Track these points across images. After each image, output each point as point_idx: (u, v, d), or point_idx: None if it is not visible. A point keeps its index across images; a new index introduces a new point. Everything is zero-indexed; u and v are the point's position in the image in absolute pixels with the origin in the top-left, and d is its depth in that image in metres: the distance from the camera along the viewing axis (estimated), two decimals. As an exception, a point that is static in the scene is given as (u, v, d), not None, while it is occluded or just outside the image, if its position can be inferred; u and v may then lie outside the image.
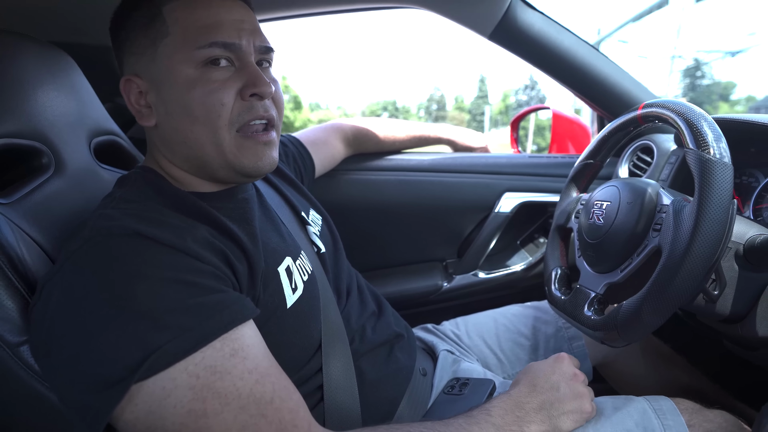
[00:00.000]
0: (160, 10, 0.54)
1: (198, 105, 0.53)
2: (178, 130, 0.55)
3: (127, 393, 0.41)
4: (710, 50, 39.60)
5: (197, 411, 0.42)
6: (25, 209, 0.55)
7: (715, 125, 0.61)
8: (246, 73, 0.55)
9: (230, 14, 0.55)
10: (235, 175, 0.58)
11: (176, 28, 0.53)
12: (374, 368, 0.67)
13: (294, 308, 0.59)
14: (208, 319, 0.45)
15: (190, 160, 0.58)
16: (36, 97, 0.61)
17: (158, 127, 0.57)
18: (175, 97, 0.54)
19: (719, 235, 0.55)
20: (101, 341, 0.42)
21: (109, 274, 0.44)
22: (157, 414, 0.42)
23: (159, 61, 0.54)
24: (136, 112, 0.57)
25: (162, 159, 0.60)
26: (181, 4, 0.54)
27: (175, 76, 0.53)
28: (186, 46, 0.53)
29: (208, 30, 0.53)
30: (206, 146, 0.55)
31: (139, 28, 0.55)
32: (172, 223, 0.51)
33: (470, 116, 48.26)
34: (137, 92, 0.56)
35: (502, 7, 0.92)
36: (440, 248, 1.19)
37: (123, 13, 0.57)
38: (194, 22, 0.53)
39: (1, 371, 0.47)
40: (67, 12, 0.83)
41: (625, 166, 1.05)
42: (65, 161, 0.63)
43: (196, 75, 0.53)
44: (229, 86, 0.54)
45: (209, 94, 0.53)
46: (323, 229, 0.79)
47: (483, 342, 0.88)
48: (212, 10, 0.54)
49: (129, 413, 0.42)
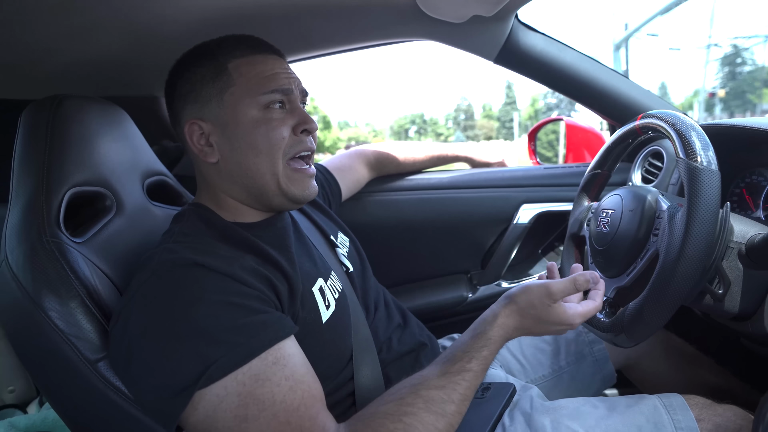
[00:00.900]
0: (225, 66, 0.65)
1: (263, 139, 0.64)
2: (242, 163, 0.65)
3: (191, 400, 0.50)
4: (749, 35, 37.86)
5: (240, 416, 0.50)
6: (95, 246, 0.65)
7: (703, 135, 0.65)
8: (297, 113, 0.67)
9: (279, 67, 0.67)
10: (286, 201, 0.68)
11: (241, 79, 0.64)
12: (400, 375, 0.73)
13: (328, 323, 0.67)
14: (254, 336, 0.53)
15: (249, 189, 0.67)
16: (99, 149, 0.71)
17: (220, 163, 0.67)
18: (240, 135, 0.64)
19: (709, 237, 0.59)
20: (170, 356, 0.51)
21: (175, 300, 0.53)
22: (212, 418, 0.50)
23: (225, 106, 0.64)
24: (199, 151, 0.67)
25: (218, 192, 0.69)
26: (243, 61, 0.65)
27: (240, 118, 0.64)
28: (251, 93, 0.64)
29: (268, 80, 0.64)
30: (266, 175, 0.65)
31: (205, 81, 0.65)
32: (222, 253, 0.59)
33: (499, 123, 47.87)
34: (199, 134, 0.66)
35: (504, 32, 0.99)
36: (464, 261, 1.24)
37: (188, 69, 0.67)
38: (256, 74, 0.65)
39: (82, 383, 0.56)
40: (119, 72, 0.95)
41: (638, 172, 1.08)
42: (124, 202, 0.73)
43: (260, 116, 0.64)
44: (286, 124, 0.65)
45: (272, 130, 0.64)
46: (351, 250, 0.87)
47: (506, 349, 0.93)
48: (268, 65, 0.66)
49: (193, 417, 0.51)
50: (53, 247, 0.59)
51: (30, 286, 0.56)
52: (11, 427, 0.74)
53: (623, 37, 14.16)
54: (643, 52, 28.04)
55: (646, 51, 38.83)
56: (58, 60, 0.82)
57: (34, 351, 0.58)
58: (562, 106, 32.74)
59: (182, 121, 0.67)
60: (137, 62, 0.93)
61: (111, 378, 0.56)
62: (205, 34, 0.70)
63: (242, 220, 0.69)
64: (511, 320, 0.62)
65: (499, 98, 62.52)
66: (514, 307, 0.62)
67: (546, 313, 0.61)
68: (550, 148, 1.45)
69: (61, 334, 0.55)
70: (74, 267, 0.59)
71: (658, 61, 44.71)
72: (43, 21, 0.68)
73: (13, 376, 1.09)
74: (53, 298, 0.56)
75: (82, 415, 0.60)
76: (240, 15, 0.82)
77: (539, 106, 38.76)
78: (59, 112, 0.66)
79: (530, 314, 0.61)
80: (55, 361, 0.56)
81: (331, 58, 1.17)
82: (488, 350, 0.60)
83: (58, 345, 0.55)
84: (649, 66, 53.58)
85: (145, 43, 0.84)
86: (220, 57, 0.65)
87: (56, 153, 0.64)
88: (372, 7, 0.90)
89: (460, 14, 0.91)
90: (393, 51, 20.51)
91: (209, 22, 0.80)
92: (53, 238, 0.59)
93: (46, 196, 0.62)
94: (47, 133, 0.65)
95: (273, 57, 0.68)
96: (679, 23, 23.33)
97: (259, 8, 0.82)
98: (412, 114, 53.74)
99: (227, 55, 0.65)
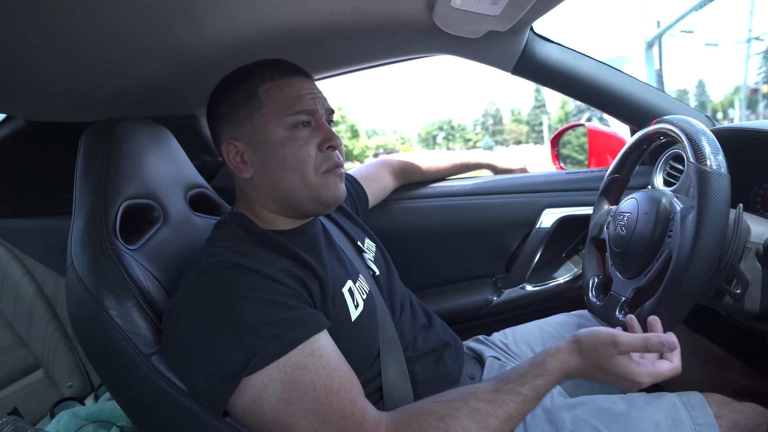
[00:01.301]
0: (255, 90, 0.71)
1: (290, 157, 0.70)
2: (273, 178, 0.71)
3: (238, 386, 0.56)
4: (793, 29, 36.03)
5: (285, 400, 0.56)
6: (146, 252, 0.72)
7: (713, 139, 0.67)
8: (322, 131, 0.72)
9: (306, 88, 0.73)
10: (318, 206, 0.73)
11: (270, 102, 0.71)
12: (425, 372, 0.78)
13: (357, 322, 0.72)
14: (293, 330, 0.59)
15: (281, 200, 0.73)
16: (147, 165, 0.79)
17: (253, 178, 0.73)
18: (270, 153, 0.70)
19: (719, 237, 0.61)
20: (219, 348, 0.57)
21: (221, 298, 0.60)
22: (258, 402, 0.56)
23: (256, 127, 0.71)
24: (235, 168, 0.73)
25: (253, 204, 0.75)
26: (271, 85, 0.71)
27: (270, 137, 0.70)
28: (278, 115, 0.70)
29: (294, 102, 0.70)
30: (297, 188, 0.71)
31: (239, 105, 0.72)
32: (261, 256, 0.66)
33: (528, 128, 47.19)
34: (235, 152, 0.73)
35: (520, 45, 1.03)
36: (488, 265, 1.28)
37: (224, 93, 0.74)
38: (284, 97, 0.71)
39: (138, 374, 0.62)
40: (163, 94, 1.04)
41: (660, 175, 1.09)
42: (170, 213, 0.81)
43: (288, 135, 0.70)
44: (312, 142, 0.71)
45: (299, 149, 0.70)
46: (377, 255, 0.92)
47: (530, 349, 0.96)
48: (294, 87, 0.72)
49: (240, 401, 0.57)
50: (112, 254, 0.66)
51: (93, 288, 0.64)
52: (74, 416, 0.83)
53: (655, 35, 13.78)
54: (678, 49, 27.19)
55: (681, 48, 37.56)
56: (110, 85, 0.91)
57: (98, 346, 0.66)
58: (593, 108, 31.86)
59: (221, 141, 0.74)
60: (178, 85, 1.01)
61: (163, 370, 0.62)
62: (240, 58, 0.77)
63: (277, 227, 0.75)
64: (572, 359, 0.62)
65: (527, 102, 61.68)
66: (577, 347, 0.62)
67: (608, 361, 0.60)
68: (581, 152, 1.46)
69: (120, 330, 0.62)
70: (130, 271, 0.66)
71: (694, 58, 43.12)
72: (99, 51, 0.76)
73: (71, 373, 1.19)
74: (113, 298, 0.64)
75: (138, 404, 0.67)
76: (271, 39, 0.89)
77: (569, 109, 37.99)
78: (114, 133, 0.75)
79: (592, 358, 0.61)
80: (114, 355, 0.63)
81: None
82: (543, 380, 0.61)
83: (118, 340, 0.62)
84: (685, 64, 51.75)
85: (186, 67, 0.92)
86: (252, 82, 0.72)
87: (112, 170, 0.72)
88: (393, 28, 0.96)
89: (476, 30, 0.96)
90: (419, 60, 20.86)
91: (243, 46, 0.87)
92: (111, 246, 0.67)
93: (104, 208, 0.69)
94: (104, 153, 0.73)
95: (300, 79, 0.74)
96: (715, 18, 22.44)
97: (288, 33, 0.88)
98: (440, 120, 53.59)
99: (257, 80, 0.72)
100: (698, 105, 40.35)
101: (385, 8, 0.88)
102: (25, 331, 1.18)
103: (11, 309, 1.18)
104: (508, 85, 73.05)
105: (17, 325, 1.18)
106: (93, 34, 0.69)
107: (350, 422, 0.57)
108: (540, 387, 0.61)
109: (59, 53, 0.72)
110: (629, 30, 74.21)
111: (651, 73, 13.97)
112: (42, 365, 1.18)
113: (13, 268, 1.21)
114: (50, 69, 0.77)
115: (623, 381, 0.60)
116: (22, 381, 1.13)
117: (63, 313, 1.24)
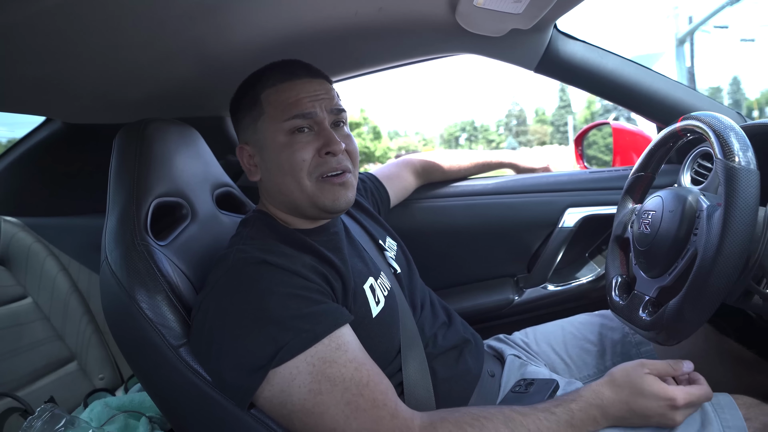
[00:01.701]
0: (258, 97, 0.73)
1: (285, 162, 0.71)
2: (275, 182, 0.74)
3: (266, 377, 0.58)
4: (835, 22, 34.43)
5: (314, 390, 0.57)
6: (175, 248, 0.75)
7: (742, 135, 0.66)
8: (322, 136, 0.71)
9: (307, 90, 0.72)
10: (319, 212, 0.74)
11: (269, 108, 0.72)
12: (445, 368, 0.79)
13: (378, 318, 0.73)
14: (318, 323, 0.60)
15: (285, 203, 0.75)
16: (177, 164, 0.82)
17: (262, 181, 0.76)
18: (271, 158, 0.73)
19: (746, 235, 0.60)
20: (246, 340, 0.59)
21: (248, 292, 0.62)
22: (287, 392, 0.58)
23: (260, 133, 0.73)
24: (247, 170, 0.77)
25: (268, 204, 0.78)
26: (273, 90, 0.73)
27: (270, 143, 0.72)
28: (276, 120, 0.71)
29: (290, 106, 0.71)
30: (294, 192, 0.72)
31: (246, 110, 0.75)
32: (285, 253, 0.68)
33: (553, 128, 46.41)
34: (247, 155, 0.76)
35: (543, 43, 1.02)
36: (510, 264, 1.27)
37: (238, 99, 0.77)
38: (281, 102, 0.72)
39: (167, 365, 0.65)
40: (191, 96, 1.07)
41: (687, 174, 1.07)
42: (198, 211, 0.83)
43: (286, 140, 0.71)
44: (310, 147, 0.71)
45: (293, 153, 0.71)
46: (398, 253, 0.93)
47: (551, 348, 0.95)
48: (293, 90, 0.72)
49: (268, 391, 0.58)
50: (143, 249, 0.69)
51: (126, 282, 0.67)
52: (106, 406, 0.87)
53: (687, 32, 13.40)
54: (712, 46, 26.11)
55: (715, 45, 36.41)
56: (142, 88, 0.95)
57: (129, 337, 0.68)
58: (620, 107, 31.08)
59: (237, 144, 0.77)
60: (207, 87, 1.04)
61: (191, 362, 0.64)
62: (265, 59, 0.79)
63: (298, 227, 0.77)
64: (606, 390, 0.64)
65: (552, 102, 60.69)
66: (610, 379, 0.66)
67: (641, 380, 0.63)
68: (608, 152, 1.44)
69: (150, 322, 0.65)
70: (160, 266, 0.69)
71: (729, 54, 41.72)
72: (131, 55, 0.79)
73: (102, 365, 1.23)
74: (143, 291, 0.66)
75: (166, 394, 0.69)
76: (296, 40, 0.91)
77: (596, 109, 37.24)
78: (145, 134, 0.78)
79: (626, 383, 0.64)
80: (145, 346, 0.66)
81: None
82: (577, 405, 0.63)
83: (148, 332, 0.65)
84: (719, 60, 50.09)
85: (213, 69, 0.95)
86: (258, 87, 0.74)
87: (144, 169, 0.75)
88: (415, 28, 0.97)
89: (499, 29, 0.95)
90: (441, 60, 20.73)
91: (268, 48, 0.90)
92: (143, 242, 0.69)
93: (136, 206, 0.72)
94: (136, 153, 0.76)
95: (303, 81, 0.73)
96: (752, 13, 21.67)
97: (313, 34, 0.90)
98: (462, 121, 53.19)
99: (262, 86, 0.73)
100: (732, 103, 39.00)
101: (408, 8, 0.89)
102: (61, 324, 1.23)
103: (48, 303, 1.24)
104: (532, 84, 72.10)
105: (53, 318, 1.23)
106: (126, 40, 0.72)
107: (383, 411, 0.58)
108: (573, 411, 0.62)
109: (94, 58, 0.75)
110: (660, 27, 72.35)
111: (682, 71, 13.59)
112: (75, 357, 1.23)
113: (50, 264, 1.27)
114: (85, 73, 0.81)
115: (660, 403, 0.62)
116: (58, 372, 1.17)
117: (95, 307, 1.29)
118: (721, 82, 49.98)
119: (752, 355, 0.96)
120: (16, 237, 1.24)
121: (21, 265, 1.24)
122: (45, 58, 0.71)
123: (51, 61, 0.73)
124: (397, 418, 0.58)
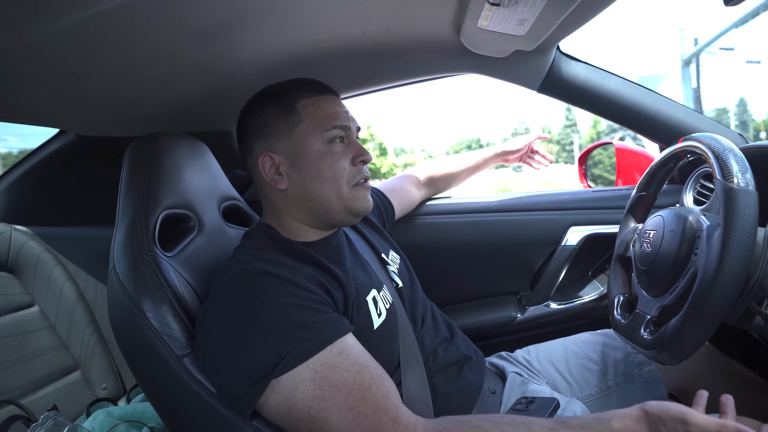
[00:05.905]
0: (294, 106, 0.75)
1: (327, 170, 0.74)
2: (309, 189, 0.75)
3: (268, 386, 0.58)
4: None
5: (318, 396, 0.58)
6: (181, 259, 0.76)
7: (741, 157, 0.67)
8: (354, 147, 0.77)
9: (339, 106, 0.78)
10: (349, 216, 0.77)
11: (308, 117, 0.75)
12: (445, 384, 0.79)
13: (379, 330, 0.74)
14: (319, 333, 0.61)
15: (314, 210, 0.76)
16: (185, 177, 0.84)
17: (288, 189, 0.76)
18: (309, 165, 0.74)
19: (745, 255, 0.60)
20: (249, 350, 0.60)
21: (250, 303, 0.63)
22: (292, 399, 0.58)
23: (295, 141, 0.75)
24: (270, 179, 0.76)
25: (282, 215, 0.78)
26: (310, 101, 0.76)
27: (308, 151, 0.74)
28: (317, 129, 0.74)
29: (331, 118, 0.75)
30: (331, 198, 0.75)
31: (278, 119, 0.75)
32: (287, 264, 0.69)
33: (559, 147, 46.51)
34: (270, 164, 0.76)
35: (546, 64, 1.04)
36: (513, 282, 1.27)
37: (261, 108, 0.77)
38: (321, 113, 0.75)
39: (171, 375, 0.66)
40: (200, 111, 1.10)
41: (689, 194, 1.07)
42: (205, 223, 0.85)
43: (324, 149, 0.74)
44: (346, 156, 0.76)
45: (335, 162, 0.74)
46: (401, 267, 0.94)
47: (552, 367, 0.95)
48: (330, 105, 0.77)
49: (272, 400, 0.59)
50: (150, 260, 0.70)
51: (132, 291, 0.68)
52: (108, 415, 0.87)
53: (692, 53, 13.47)
54: (718, 67, 26.26)
55: (720, 66, 36.56)
56: (153, 103, 0.97)
57: (134, 346, 0.69)
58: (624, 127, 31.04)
59: (254, 153, 0.77)
60: (216, 103, 1.07)
61: (194, 372, 0.65)
62: (274, 77, 0.81)
63: (302, 239, 0.78)
64: (636, 425, 0.60)
65: (558, 120, 60.91)
66: (643, 416, 0.60)
67: None
68: (614, 172, 1.45)
69: (155, 331, 0.66)
70: (166, 276, 0.70)
71: (735, 76, 41.82)
72: (144, 71, 0.81)
73: (106, 375, 1.24)
74: (150, 301, 0.67)
75: (169, 404, 0.70)
76: (304, 59, 0.93)
77: (602, 128, 37.32)
78: (155, 147, 0.79)
79: (658, 430, 0.59)
80: (149, 355, 0.66)
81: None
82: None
83: (153, 341, 0.66)
84: (725, 82, 50.23)
85: (223, 86, 0.97)
86: (290, 98, 0.76)
87: (153, 181, 0.77)
88: (421, 48, 0.99)
89: (502, 50, 0.98)
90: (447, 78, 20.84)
91: (278, 66, 0.92)
92: (150, 252, 0.71)
93: (145, 217, 0.74)
94: (146, 165, 0.78)
95: (332, 97, 0.78)
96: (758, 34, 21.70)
97: (319, 53, 0.93)
98: (468, 139, 53.54)
99: (295, 96, 0.76)
100: (739, 124, 38.90)
101: (414, 29, 0.91)
102: (66, 333, 1.24)
103: (54, 312, 1.25)
104: (538, 103, 72.50)
105: (59, 327, 1.24)
106: (142, 57, 0.75)
107: (384, 416, 0.59)
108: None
109: (108, 73, 0.77)
110: (666, 48, 72.73)
111: (688, 92, 13.60)
112: (79, 367, 1.24)
113: (58, 273, 1.28)
114: (100, 89, 0.83)
115: None
116: (61, 381, 1.18)
117: (100, 317, 1.30)
118: (727, 103, 49.99)
119: (756, 376, 0.96)
120: (26, 246, 1.26)
121: (29, 274, 1.25)
122: (62, 75, 0.74)
123: (67, 78, 0.75)
124: (398, 424, 0.59)
